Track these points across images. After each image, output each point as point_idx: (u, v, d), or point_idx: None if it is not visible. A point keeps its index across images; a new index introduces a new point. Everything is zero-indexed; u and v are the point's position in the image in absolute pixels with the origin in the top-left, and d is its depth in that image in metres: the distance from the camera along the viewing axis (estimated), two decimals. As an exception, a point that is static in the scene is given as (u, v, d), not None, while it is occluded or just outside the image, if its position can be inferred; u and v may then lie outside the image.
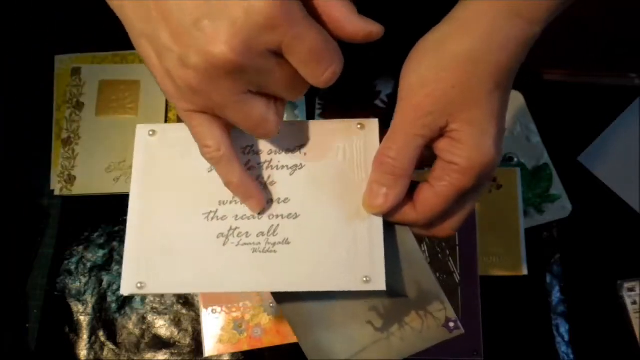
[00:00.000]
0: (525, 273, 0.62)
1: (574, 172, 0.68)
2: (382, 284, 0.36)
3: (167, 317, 0.61)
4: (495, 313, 0.60)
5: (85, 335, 0.61)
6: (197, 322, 0.61)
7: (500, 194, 0.64)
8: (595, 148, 0.69)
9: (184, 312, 0.62)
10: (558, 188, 0.66)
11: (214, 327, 0.59)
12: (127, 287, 0.36)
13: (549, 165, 0.67)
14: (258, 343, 0.59)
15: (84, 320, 0.61)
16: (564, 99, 0.70)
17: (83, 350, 0.60)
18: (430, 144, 0.35)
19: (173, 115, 0.67)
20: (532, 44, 0.34)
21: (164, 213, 0.37)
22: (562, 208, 0.66)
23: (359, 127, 0.39)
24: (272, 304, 0.59)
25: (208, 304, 0.59)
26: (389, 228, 0.38)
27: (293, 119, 0.67)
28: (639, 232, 0.65)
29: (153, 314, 0.61)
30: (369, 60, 0.66)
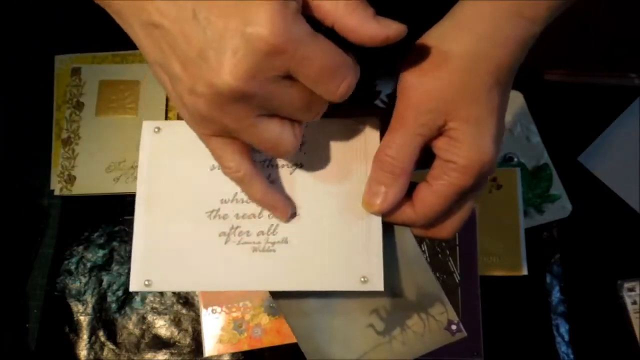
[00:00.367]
0: (525, 273, 0.62)
1: (574, 172, 0.68)
2: (379, 285, 0.36)
3: (167, 317, 0.61)
4: (495, 313, 0.60)
5: (85, 335, 0.61)
6: (197, 322, 0.61)
7: (500, 194, 0.64)
8: (595, 148, 0.69)
9: (184, 312, 0.62)
10: (558, 188, 0.66)
11: (214, 327, 0.59)
12: (135, 284, 0.37)
13: (549, 165, 0.67)
14: (258, 343, 0.59)
15: (84, 320, 0.61)
16: (564, 99, 0.70)
17: (83, 350, 0.61)
18: (429, 143, 0.35)
19: (173, 116, 0.67)
20: (532, 43, 0.34)
21: (170, 211, 0.38)
22: (562, 208, 0.65)
23: (360, 125, 0.39)
24: (272, 304, 0.59)
25: (208, 304, 0.59)
26: (389, 230, 0.38)
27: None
28: (639, 232, 0.65)
29: (153, 314, 0.61)
30: (369, 60, 0.66)
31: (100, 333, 0.61)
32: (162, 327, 0.61)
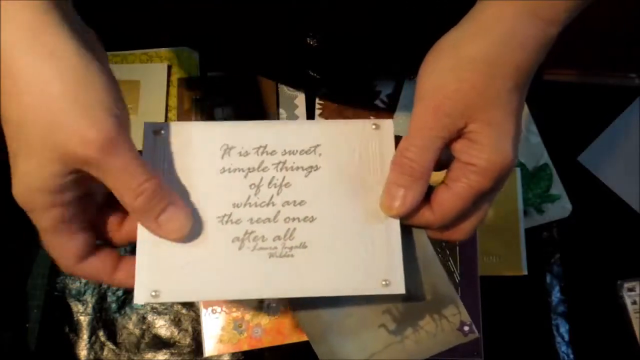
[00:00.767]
0: (525, 273, 0.62)
1: (574, 172, 0.68)
2: (401, 287, 0.36)
3: (167, 317, 0.61)
4: (495, 313, 0.60)
5: (85, 335, 0.61)
6: (197, 322, 0.61)
7: (500, 194, 0.64)
8: (595, 148, 0.69)
9: (184, 312, 0.62)
10: (558, 188, 0.66)
11: (214, 327, 0.59)
12: (141, 296, 0.35)
13: (549, 165, 0.67)
14: (258, 343, 0.59)
15: (84, 320, 0.61)
16: (564, 99, 0.70)
17: (83, 350, 0.61)
18: (448, 145, 0.35)
19: (173, 116, 0.67)
20: (550, 45, 0.35)
21: None
22: (562, 208, 0.65)
23: (374, 127, 0.38)
24: (273, 304, 0.59)
25: (208, 304, 0.59)
26: (405, 231, 0.38)
27: (292, 119, 0.67)
28: (639, 232, 0.65)
29: (153, 314, 0.61)
30: (369, 60, 0.66)
31: (100, 333, 0.61)
32: (162, 327, 0.61)
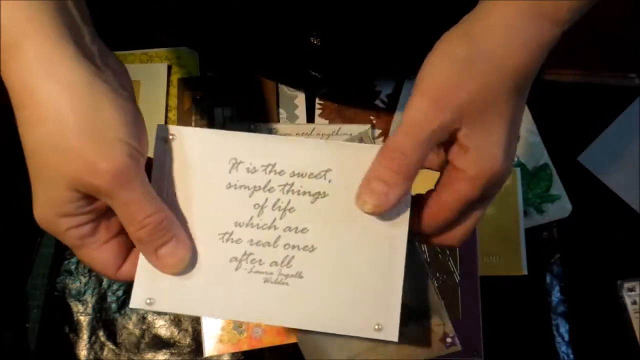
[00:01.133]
0: (525, 273, 0.62)
1: (574, 172, 0.68)
2: (394, 335, 0.34)
3: (167, 317, 0.61)
4: (495, 313, 0.60)
5: (85, 335, 0.61)
6: (197, 322, 0.61)
7: (500, 194, 0.64)
8: (595, 148, 0.69)
9: (184, 312, 0.62)
10: (558, 188, 0.66)
11: (214, 327, 0.59)
12: (136, 301, 0.35)
13: (549, 165, 0.67)
14: (258, 343, 0.58)
15: (84, 320, 0.61)
16: (564, 99, 0.70)
17: (83, 350, 0.61)
18: (443, 148, 0.35)
19: (173, 116, 0.67)
20: (552, 46, 0.34)
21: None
22: (562, 208, 0.65)
23: None
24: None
25: (208, 304, 0.59)
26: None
27: (292, 119, 0.67)
28: (639, 232, 0.65)
29: (153, 314, 0.61)
30: (369, 60, 0.66)
31: (100, 333, 0.61)
32: (162, 327, 0.61)
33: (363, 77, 0.68)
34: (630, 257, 0.64)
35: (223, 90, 0.67)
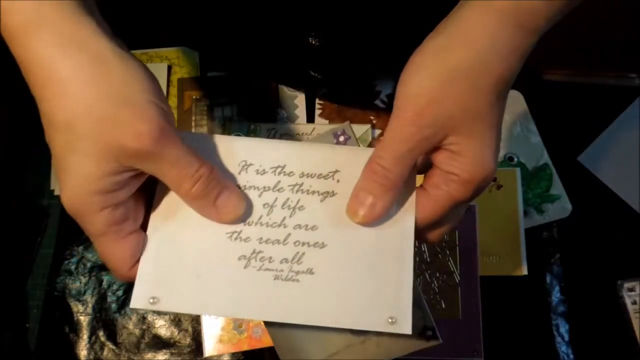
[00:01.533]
0: (525, 273, 0.62)
1: (574, 172, 0.68)
2: (408, 327, 0.34)
3: (167, 317, 0.61)
4: (495, 313, 0.60)
5: (85, 335, 0.61)
6: (197, 322, 0.61)
7: (500, 194, 0.64)
8: (595, 148, 0.69)
9: (184, 312, 0.62)
10: (558, 188, 0.66)
11: (214, 327, 0.59)
12: (138, 299, 0.34)
13: (549, 165, 0.67)
14: (258, 343, 0.59)
15: (84, 320, 0.61)
16: (564, 99, 0.70)
17: (83, 350, 0.61)
18: (427, 155, 0.35)
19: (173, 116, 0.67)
20: (527, 54, 0.34)
21: (187, 227, 0.36)
22: (562, 208, 0.65)
23: None
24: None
25: (208, 304, 0.59)
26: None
27: (292, 119, 0.67)
28: (639, 232, 0.65)
29: (153, 314, 0.61)
30: (369, 60, 0.66)
31: (100, 333, 0.61)
32: (162, 327, 0.61)
33: (363, 77, 0.68)
34: (630, 257, 0.64)
35: (223, 90, 0.67)
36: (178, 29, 0.69)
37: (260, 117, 0.67)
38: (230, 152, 0.37)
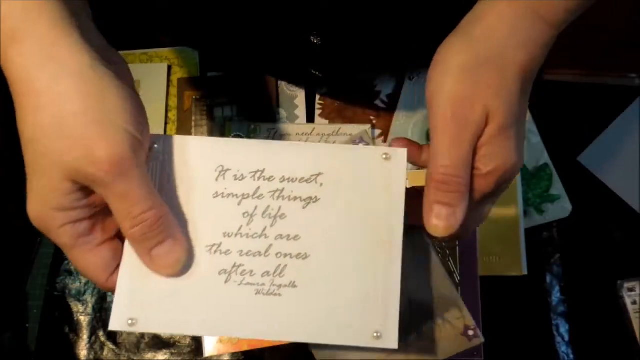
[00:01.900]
0: (525, 273, 0.62)
1: (574, 172, 0.68)
2: (394, 342, 0.33)
3: (167, 317, 0.61)
4: (495, 313, 0.60)
5: (85, 335, 0.61)
6: (197, 322, 0.61)
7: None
8: (595, 148, 0.69)
9: (184, 312, 0.62)
10: (558, 188, 0.66)
11: (214, 327, 0.59)
12: (117, 322, 0.33)
13: (549, 165, 0.67)
14: (258, 343, 0.58)
15: (84, 320, 0.61)
16: (564, 99, 0.70)
17: (83, 350, 0.60)
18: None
19: (173, 116, 0.67)
20: (550, 46, 0.35)
21: None
22: (562, 208, 0.65)
23: (385, 157, 0.35)
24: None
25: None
26: (406, 234, 0.36)
27: (292, 119, 0.67)
28: (639, 232, 0.65)
29: (153, 314, 0.61)
30: (369, 60, 0.66)
31: (100, 333, 0.61)
32: (162, 327, 0.61)
33: (363, 76, 0.68)
34: (630, 257, 0.64)
35: (223, 90, 0.67)
36: (178, 29, 0.69)
37: (260, 117, 0.66)
38: (207, 156, 0.35)
